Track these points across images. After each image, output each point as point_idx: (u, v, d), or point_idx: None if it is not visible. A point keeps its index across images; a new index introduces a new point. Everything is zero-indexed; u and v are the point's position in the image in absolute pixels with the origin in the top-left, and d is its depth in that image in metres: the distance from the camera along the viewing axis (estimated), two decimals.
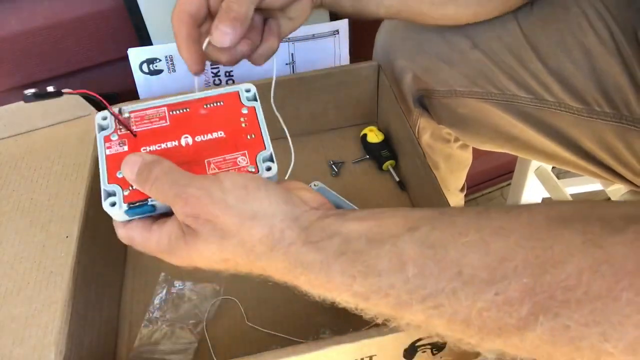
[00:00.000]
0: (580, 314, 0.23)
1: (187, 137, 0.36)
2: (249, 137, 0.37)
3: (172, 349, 0.48)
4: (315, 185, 0.56)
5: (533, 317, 0.24)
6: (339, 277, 0.28)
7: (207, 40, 0.38)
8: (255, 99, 0.39)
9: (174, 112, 0.38)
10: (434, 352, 0.42)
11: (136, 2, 0.63)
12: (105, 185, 0.34)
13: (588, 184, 0.90)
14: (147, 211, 0.34)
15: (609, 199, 0.70)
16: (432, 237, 0.27)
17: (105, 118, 0.38)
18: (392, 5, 0.49)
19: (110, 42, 0.69)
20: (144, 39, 0.66)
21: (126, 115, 0.37)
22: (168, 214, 0.34)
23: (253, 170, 0.36)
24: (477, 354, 0.45)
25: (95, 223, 0.50)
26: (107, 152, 0.36)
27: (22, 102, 0.57)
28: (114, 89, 0.72)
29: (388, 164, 0.64)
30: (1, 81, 0.68)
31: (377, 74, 0.65)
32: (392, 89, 0.62)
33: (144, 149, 0.36)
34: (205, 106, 0.38)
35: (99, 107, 0.60)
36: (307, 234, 0.30)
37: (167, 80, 0.67)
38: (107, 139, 0.36)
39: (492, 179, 1.23)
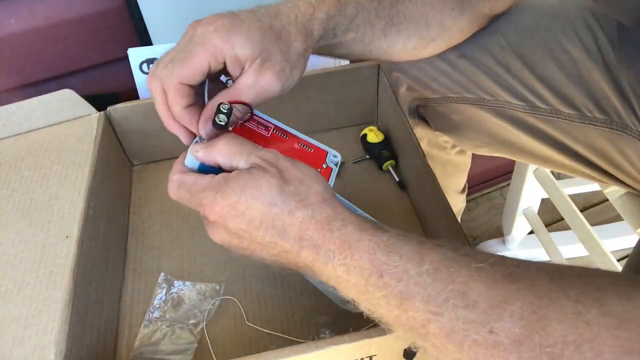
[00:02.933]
0: None
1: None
2: None
3: (172, 349, 0.48)
4: None
5: None
6: (367, 239, 0.31)
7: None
8: (337, 165, 0.45)
9: (276, 133, 0.44)
10: None
11: (136, 2, 0.63)
12: (199, 139, 0.38)
13: (586, 185, 0.90)
14: (214, 171, 0.37)
15: (607, 200, 0.70)
16: (451, 254, 0.30)
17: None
18: (375, 57, 0.50)
19: (110, 42, 0.69)
20: (144, 39, 0.66)
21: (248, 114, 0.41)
22: None
23: None
24: None
25: (95, 223, 0.50)
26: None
27: (22, 102, 0.57)
28: (114, 89, 0.72)
29: (388, 164, 0.64)
30: (1, 81, 0.68)
31: (377, 74, 0.65)
32: (392, 89, 0.62)
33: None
34: (299, 144, 0.44)
35: (99, 107, 0.60)
36: (350, 208, 0.35)
37: None
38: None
39: (492, 179, 1.23)
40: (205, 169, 0.37)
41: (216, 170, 0.37)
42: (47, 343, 0.39)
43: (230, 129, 0.40)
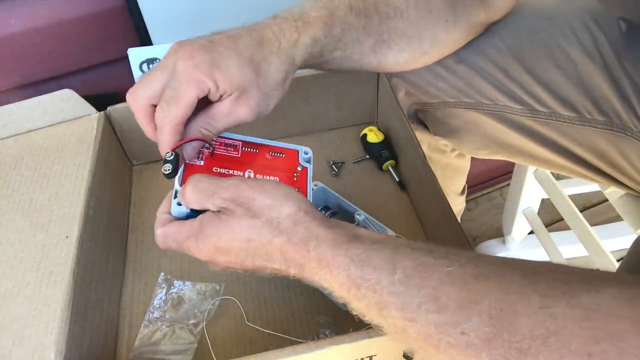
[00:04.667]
0: None
1: (250, 172, 0.43)
2: (296, 190, 0.41)
3: (172, 349, 0.48)
4: (315, 185, 0.56)
5: None
6: (341, 256, 0.32)
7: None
8: (310, 162, 0.46)
9: (246, 149, 0.44)
10: None
11: (136, 2, 0.63)
12: (177, 187, 0.40)
13: (586, 185, 0.90)
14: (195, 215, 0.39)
15: (607, 200, 0.70)
16: (425, 258, 0.30)
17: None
18: (365, 69, 0.50)
19: (110, 42, 0.69)
20: (144, 39, 0.66)
21: (213, 140, 0.43)
22: None
23: None
24: None
25: (95, 223, 0.50)
26: (187, 161, 0.41)
27: (22, 102, 0.57)
28: (114, 89, 0.72)
29: (388, 164, 0.64)
30: (1, 81, 0.68)
31: (377, 74, 0.65)
32: (392, 89, 0.62)
33: (215, 169, 0.42)
34: (270, 153, 0.45)
35: (99, 107, 0.60)
36: (326, 220, 0.35)
37: None
38: None
39: (492, 179, 1.23)
40: (192, 214, 0.39)
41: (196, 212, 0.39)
42: (47, 343, 0.39)
43: (202, 162, 0.42)
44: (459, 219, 0.93)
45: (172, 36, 0.66)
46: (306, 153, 0.46)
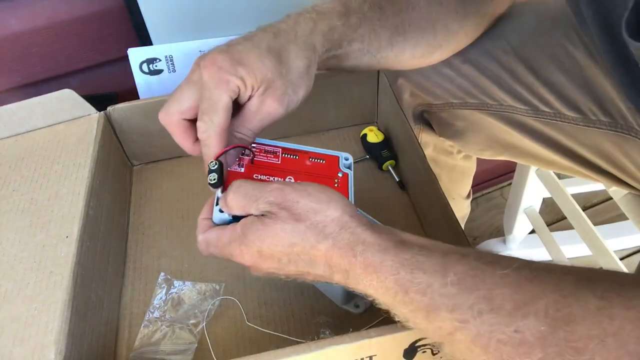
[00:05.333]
0: None
1: (290, 178, 0.43)
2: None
3: (172, 349, 0.48)
4: None
5: None
6: (389, 260, 0.32)
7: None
8: (350, 168, 0.45)
9: (286, 155, 0.44)
10: (434, 352, 0.42)
11: (136, 2, 0.63)
12: (219, 194, 0.39)
13: (589, 184, 0.89)
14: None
15: (611, 198, 0.70)
16: (476, 263, 0.30)
17: None
18: (384, 66, 0.51)
19: (110, 42, 0.69)
20: (144, 39, 0.66)
21: (252, 146, 0.43)
22: None
23: None
24: None
25: (95, 223, 0.50)
26: (228, 168, 0.41)
27: (22, 102, 0.57)
28: (114, 89, 0.72)
29: (388, 164, 0.64)
30: (1, 81, 0.68)
31: (377, 74, 0.65)
32: (392, 89, 0.62)
33: (255, 176, 0.42)
34: (310, 159, 0.45)
35: (99, 107, 0.60)
36: (372, 225, 0.34)
37: (167, 80, 0.67)
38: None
39: (492, 179, 1.23)
40: (234, 221, 0.39)
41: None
42: (47, 343, 0.39)
43: (243, 169, 0.42)
44: (463, 223, 0.93)
45: (172, 36, 0.66)
46: (347, 159, 0.46)
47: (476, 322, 0.28)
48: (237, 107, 0.41)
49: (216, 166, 0.38)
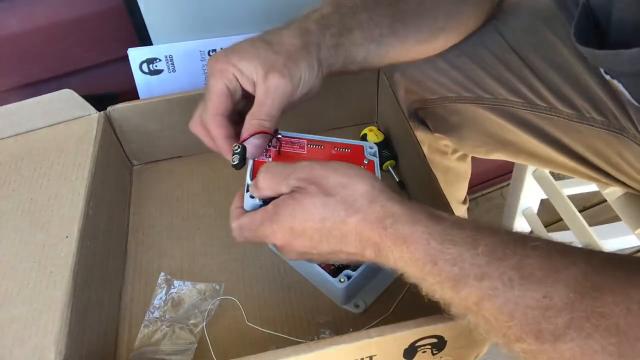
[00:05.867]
0: (608, 342, 0.25)
1: None
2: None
3: (172, 349, 0.48)
4: None
5: (568, 330, 0.27)
6: (419, 231, 0.32)
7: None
8: (375, 156, 0.47)
9: (311, 146, 0.46)
10: (434, 352, 0.42)
11: (136, 2, 0.63)
12: (249, 181, 0.42)
13: (585, 185, 0.90)
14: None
15: (605, 201, 0.70)
16: (507, 237, 0.31)
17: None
18: (393, 56, 0.51)
19: (110, 42, 0.69)
20: (144, 39, 0.66)
21: (279, 136, 0.45)
22: None
23: None
24: (477, 354, 0.45)
25: (95, 223, 0.50)
26: (255, 158, 0.44)
27: (22, 102, 0.57)
28: (114, 89, 0.72)
29: (388, 164, 0.64)
30: (1, 81, 0.68)
31: (377, 74, 0.65)
32: (392, 89, 0.62)
33: None
34: (335, 149, 0.46)
35: (99, 107, 0.60)
36: (402, 199, 0.35)
37: (167, 80, 0.67)
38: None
39: (492, 179, 1.23)
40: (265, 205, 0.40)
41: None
42: (47, 343, 0.39)
43: (270, 159, 0.44)
44: None
45: (172, 36, 0.66)
46: (371, 147, 0.47)
47: (505, 289, 0.29)
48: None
49: (239, 149, 0.41)
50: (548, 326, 0.27)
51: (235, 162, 0.41)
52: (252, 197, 0.40)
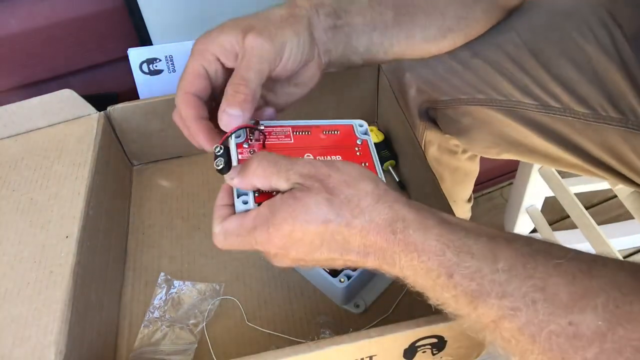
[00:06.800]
0: None
1: (309, 155, 0.40)
2: (363, 164, 0.40)
3: (172, 349, 0.48)
4: None
5: None
6: (434, 240, 0.30)
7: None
8: (367, 134, 0.43)
9: (297, 133, 0.41)
10: (434, 352, 0.42)
11: (136, 2, 0.63)
12: (237, 184, 0.36)
13: (593, 183, 0.89)
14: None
15: (610, 199, 0.70)
16: (526, 250, 0.29)
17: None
18: (398, 51, 0.49)
19: (110, 42, 0.69)
20: (144, 39, 0.66)
21: (261, 127, 0.40)
22: None
23: None
24: (477, 354, 0.45)
25: (95, 223, 0.50)
26: (239, 157, 0.38)
27: (22, 102, 0.57)
28: (114, 89, 0.72)
29: (388, 164, 0.64)
30: (1, 81, 0.68)
31: (377, 74, 0.65)
32: (392, 89, 0.62)
33: None
34: (324, 132, 0.42)
35: (99, 107, 0.60)
36: (408, 201, 0.32)
37: (167, 80, 0.67)
38: (239, 145, 0.39)
39: (492, 179, 1.23)
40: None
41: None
42: (47, 343, 0.39)
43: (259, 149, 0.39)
44: None
45: (172, 36, 0.66)
46: (361, 125, 0.43)
47: (529, 311, 0.27)
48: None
49: (221, 151, 0.36)
50: (575, 356, 0.26)
51: (220, 167, 0.35)
52: (245, 202, 0.35)
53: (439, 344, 0.41)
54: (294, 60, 0.40)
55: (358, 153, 0.42)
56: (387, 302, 0.51)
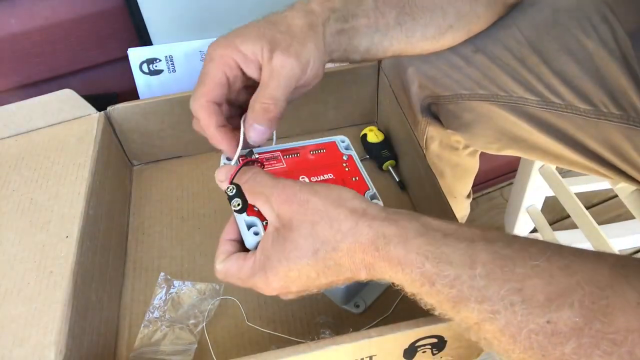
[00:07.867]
0: None
1: (304, 177, 0.42)
2: (353, 179, 0.42)
3: (172, 349, 0.48)
4: None
5: (575, 356, 0.25)
6: (414, 253, 0.31)
7: (242, 137, 0.40)
8: (349, 148, 0.45)
9: (288, 157, 0.43)
10: (434, 352, 0.42)
11: (136, 2, 0.63)
12: (245, 217, 0.37)
13: (594, 183, 0.89)
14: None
15: (610, 199, 0.70)
16: (504, 252, 0.30)
17: (228, 158, 0.41)
18: (397, 49, 0.50)
19: (110, 42, 0.69)
20: (144, 39, 0.66)
21: (255, 156, 0.42)
22: None
23: None
24: (477, 354, 0.45)
25: (95, 223, 0.50)
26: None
27: (22, 102, 0.57)
28: (114, 89, 0.72)
29: (388, 164, 0.64)
30: (1, 81, 0.68)
31: (377, 74, 0.65)
32: (392, 89, 0.62)
33: None
34: (311, 152, 0.44)
35: (99, 107, 0.60)
36: (387, 213, 0.33)
37: (167, 80, 0.67)
38: None
39: (492, 179, 1.23)
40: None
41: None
42: (47, 343, 0.39)
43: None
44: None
45: (172, 36, 0.66)
46: (342, 141, 0.45)
47: (507, 313, 0.28)
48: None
49: (234, 190, 0.37)
50: (554, 352, 0.26)
51: (237, 207, 0.37)
52: (256, 233, 0.37)
53: (439, 344, 0.41)
54: (314, 72, 0.42)
55: (347, 169, 0.43)
56: (387, 302, 0.51)
